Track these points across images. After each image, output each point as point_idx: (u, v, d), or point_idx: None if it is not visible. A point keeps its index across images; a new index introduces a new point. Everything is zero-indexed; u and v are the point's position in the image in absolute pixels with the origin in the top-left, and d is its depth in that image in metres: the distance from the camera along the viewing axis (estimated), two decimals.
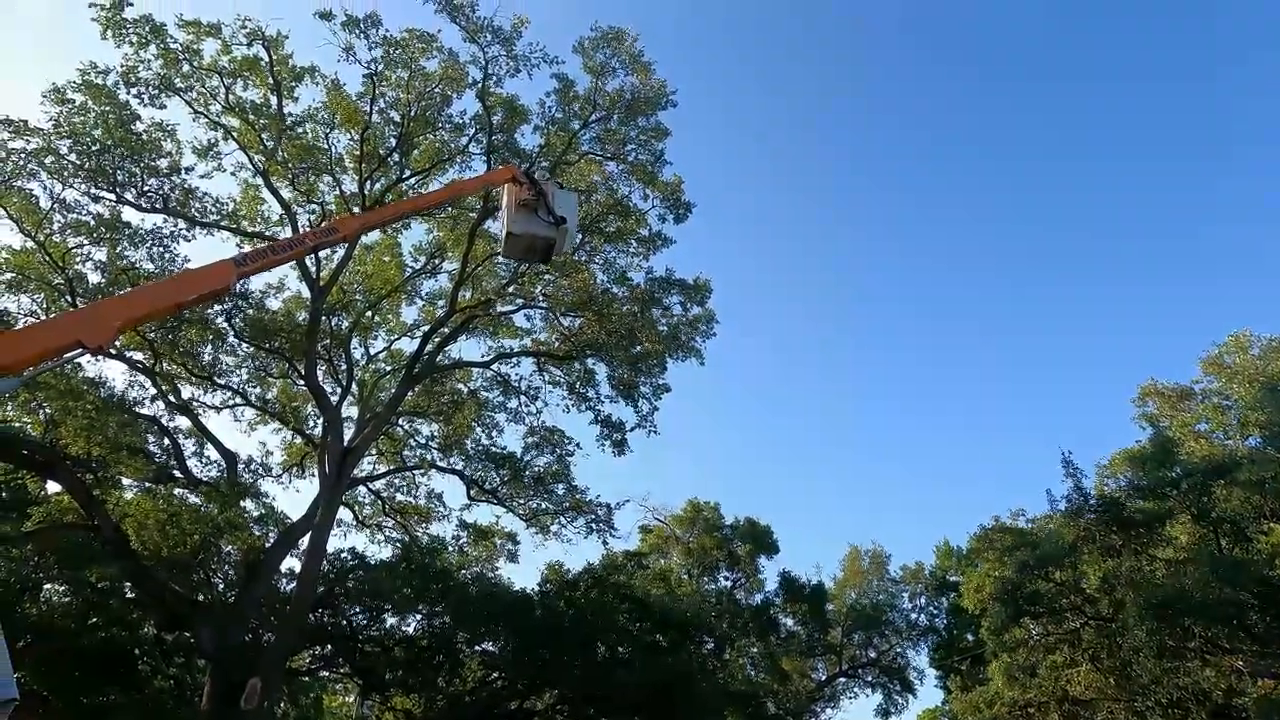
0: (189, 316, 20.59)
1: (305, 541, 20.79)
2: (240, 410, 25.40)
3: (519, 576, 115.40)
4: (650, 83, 22.14)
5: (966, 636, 35.67)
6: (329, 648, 24.48)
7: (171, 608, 19.23)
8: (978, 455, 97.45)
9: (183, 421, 23.20)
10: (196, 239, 21.11)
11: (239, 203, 22.49)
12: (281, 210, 21.90)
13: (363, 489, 26.79)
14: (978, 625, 27.90)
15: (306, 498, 31.21)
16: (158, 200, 20.03)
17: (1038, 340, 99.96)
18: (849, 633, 39.69)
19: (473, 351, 59.71)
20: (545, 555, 36.40)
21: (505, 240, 11.90)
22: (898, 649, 39.45)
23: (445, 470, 26.36)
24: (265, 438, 66.63)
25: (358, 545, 36.07)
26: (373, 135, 21.52)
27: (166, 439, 22.69)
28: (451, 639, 23.41)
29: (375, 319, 26.47)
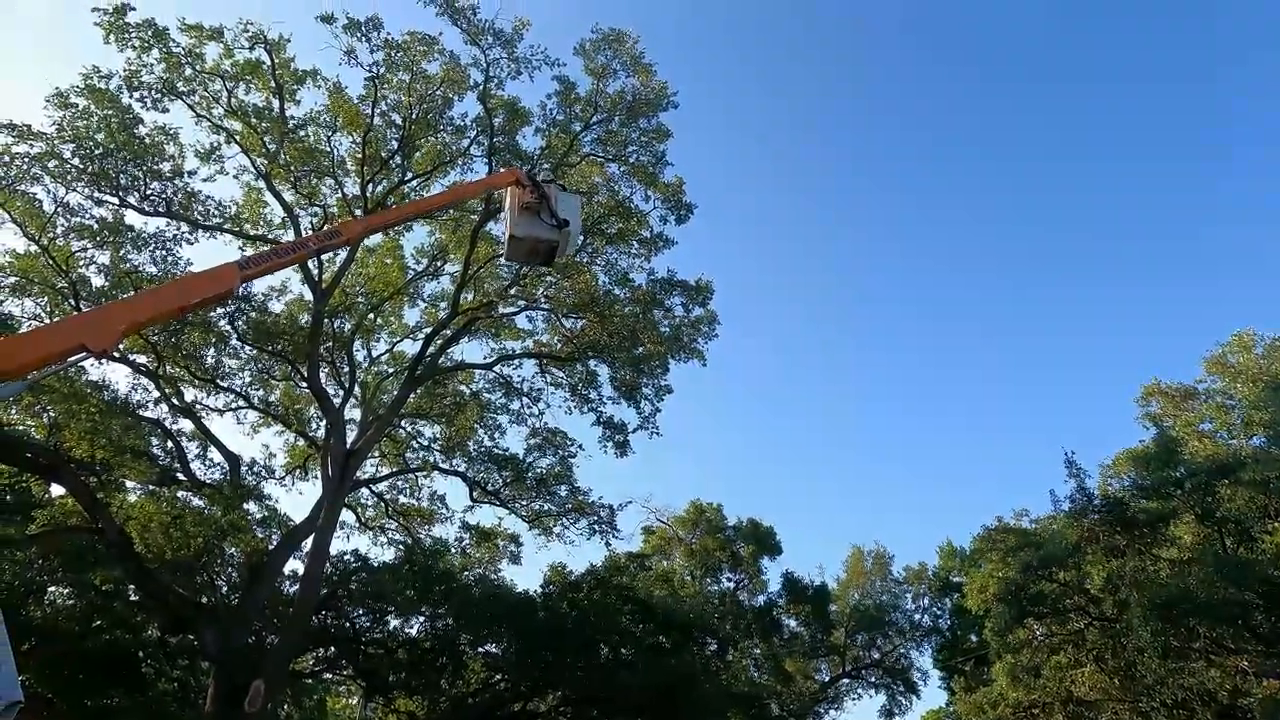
0: (192, 319, 20.64)
1: (308, 544, 20.78)
2: (243, 413, 25.44)
3: (522, 578, 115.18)
4: (651, 84, 22.16)
5: (970, 637, 35.58)
6: (332, 650, 24.52)
7: (175, 610, 19.25)
8: (980, 456, 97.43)
9: (186, 424, 23.26)
10: (199, 242, 21.16)
11: (241, 206, 22.54)
12: (284, 213, 21.94)
13: (365, 491, 26.81)
14: (981, 626, 27.83)
15: (309, 500, 31.23)
16: (160, 204, 20.08)
17: (1039, 341, 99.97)
18: (852, 634, 39.64)
19: (475, 353, 59.61)
20: (548, 557, 36.40)
21: (508, 243, 11.86)
22: (901, 650, 39.39)
23: (448, 472, 26.39)
24: (268, 440, 67.17)
25: (361, 547, 36.13)
26: (374, 138, 21.54)
27: (170, 442, 22.74)
28: (454, 641, 23.43)
29: (377, 321, 26.47)
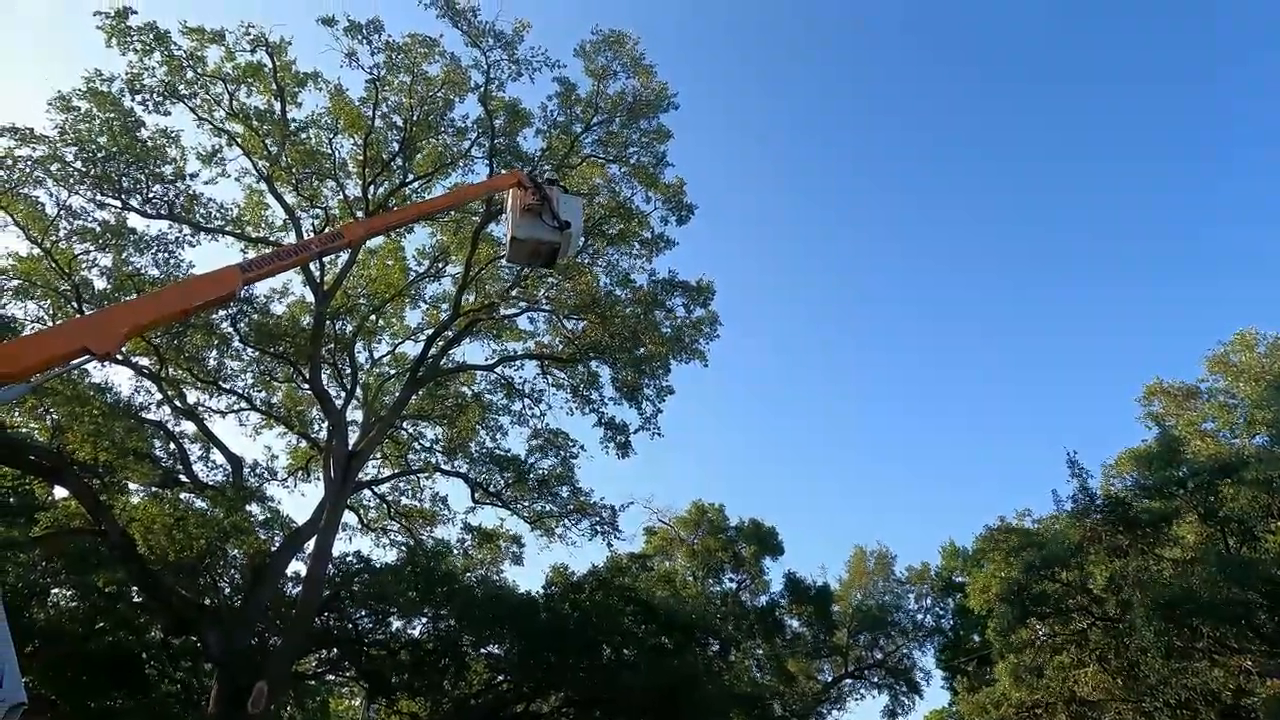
0: (194, 322, 20.66)
1: (311, 545, 20.79)
2: (245, 415, 25.46)
3: (524, 579, 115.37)
4: (652, 85, 22.18)
5: (973, 637, 35.55)
6: (335, 651, 24.57)
7: (178, 612, 19.27)
8: (982, 456, 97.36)
9: (188, 426, 23.29)
10: (201, 244, 21.21)
11: (243, 208, 22.57)
12: (285, 215, 21.98)
13: (368, 492, 26.82)
14: (984, 626, 27.80)
15: (312, 501, 31.25)
16: (163, 206, 20.12)
17: (1040, 341, 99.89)
18: (855, 634, 39.63)
19: (476, 355, 59.45)
20: (550, 558, 36.37)
21: (510, 245, 11.83)
22: (904, 650, 39.35)
23: (450, 473, 26.38)
24: (270, 442, 66.94)
25: (363, 549, 36.26)
26: (376, 140, 21.58)
27: (172, 444, 22.77)
28: (457, 642, 23.46)
29: (379, 323, 26.48)
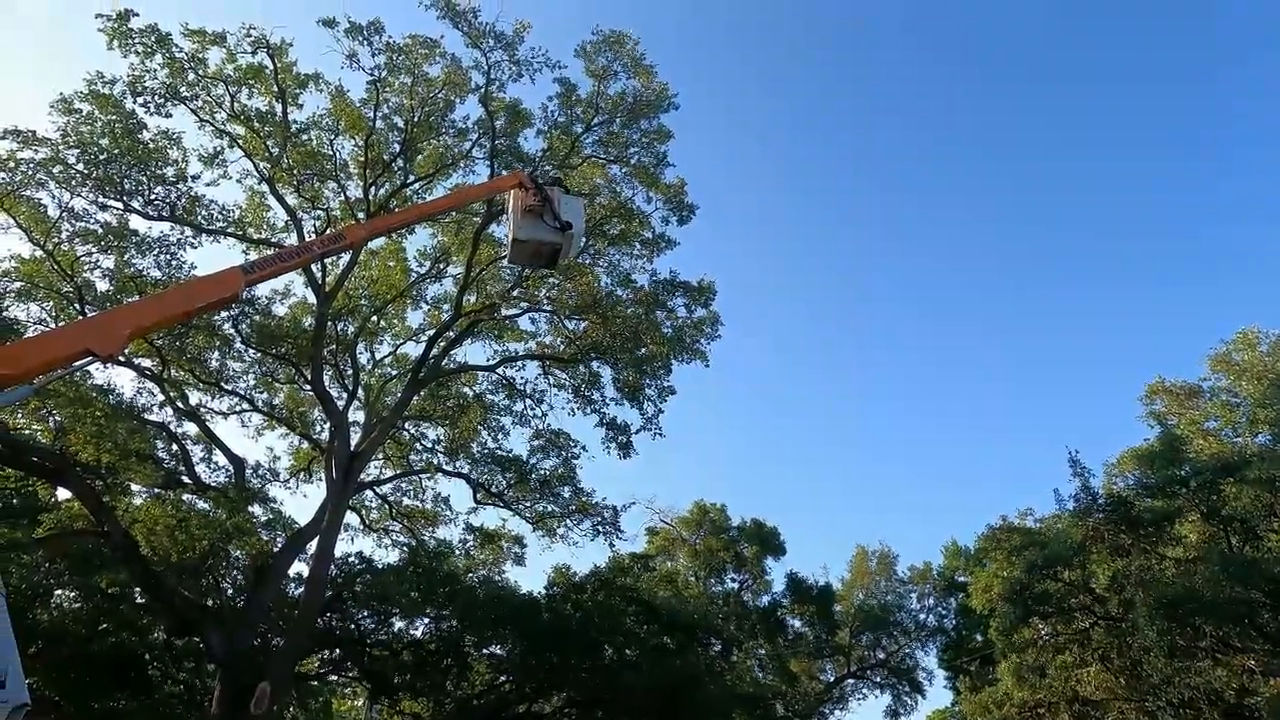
0: (196, 323, 20.69)
1: (313, 546, 20.84)
2: (247, 416, 25.52)
3: (526, 579, 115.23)
4: (652, 85, 22.19)
5: (975, 637, 35.53)
6: (337, 652, 24.61)
7: (181, 613, 19.32)
8: (984, 455, 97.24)
9: (191, 427, 23.37)
10: (203, 246, 21.29)
11: (245, 210, 22.62)
12: (287, 217, 22.02)
13: (370, 493, 26.84)
14: (986, 625, 27.77)
15: (314, 502, 31.30)
16: (164, 208, 20.15)
17: (1041, 340, 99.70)
18: (857, 634, 39.63)
19: (478, 355, 59.61)
20: (552, 558, 36.40)
21: (511, 246, 11.83)
22: (906, 650, 39.35)
23: (451, 474, 26.39)
24: (272, 443, 66.69)
25: (365, 549, 36.32)
26: (377, 141, 21.61)
27: (175, 445, 22.82)
28: (459, 642, 23.50)
29: (380, 324, 26.51)
